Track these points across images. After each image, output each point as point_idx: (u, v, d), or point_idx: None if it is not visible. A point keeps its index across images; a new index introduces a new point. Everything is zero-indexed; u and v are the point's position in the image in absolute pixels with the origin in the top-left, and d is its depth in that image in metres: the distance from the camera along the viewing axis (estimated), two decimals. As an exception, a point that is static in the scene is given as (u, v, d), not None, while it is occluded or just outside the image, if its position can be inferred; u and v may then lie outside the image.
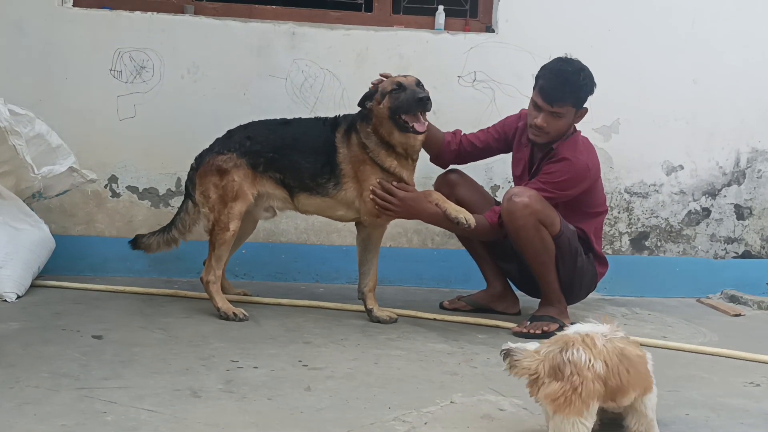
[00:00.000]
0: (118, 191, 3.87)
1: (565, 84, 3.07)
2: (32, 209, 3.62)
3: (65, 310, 3.12)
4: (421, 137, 3.14)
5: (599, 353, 1.83)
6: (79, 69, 3.79)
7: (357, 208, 3.22)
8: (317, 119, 3.35)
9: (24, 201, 3.54)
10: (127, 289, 3.51)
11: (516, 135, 3.36)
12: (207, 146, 3.33)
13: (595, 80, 3.20)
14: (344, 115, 3.32)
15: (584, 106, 3.18)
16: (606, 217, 3.55)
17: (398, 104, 3.07)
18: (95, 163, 3.72)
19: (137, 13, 3.84)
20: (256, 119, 3.34)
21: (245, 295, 3.46)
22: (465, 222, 3.11)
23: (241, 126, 3.31)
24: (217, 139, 3.31)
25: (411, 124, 3.06)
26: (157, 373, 2.42)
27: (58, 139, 3.47)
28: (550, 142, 3.17)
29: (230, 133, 3.29)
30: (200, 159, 3.28)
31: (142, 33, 3.82)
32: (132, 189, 3.88)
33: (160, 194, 3.89)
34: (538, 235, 3.04)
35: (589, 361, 1.81)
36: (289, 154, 3.21)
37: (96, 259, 3.82)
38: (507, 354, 1.89)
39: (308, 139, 3.23)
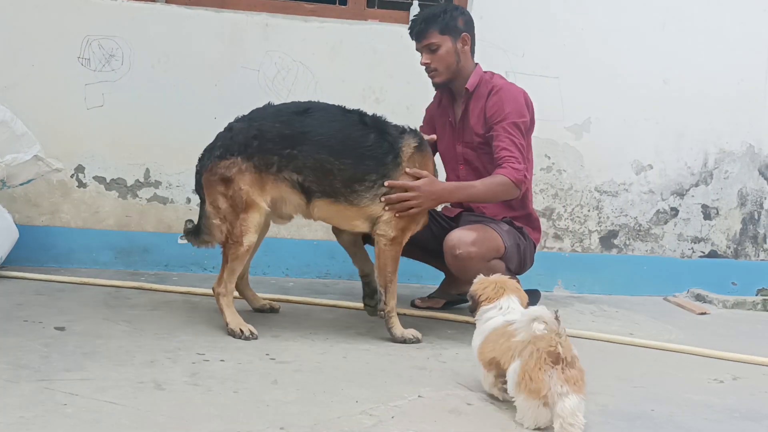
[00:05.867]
0: (84, 181, 3.80)
1: (422, 19, 3.16)
2: (-5, 198, 3.55)
3: (28, 301, 3.06)
4: None
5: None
6: (46, 56, 3.71)
7: (374, 221, 2.90)
8: (346, 112, 2.92)
9: (-14, 189, 3.46)
10: (92, 281, 3.45)
11: (437, 111, 3.36)
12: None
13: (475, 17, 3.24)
14: (397, 126, 2.95)
15: (462, 33, 3.16)
16: (573, 212, 3.50)
17: None
18: (61, 153, 3.65)
19: (107, -1, 3.78)
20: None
21: (271, 308, 3.22)
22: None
23: (244, 118, 2.90)
24: (219, 135, 2.91)
25: None
26: (120, 365, 2.38)
27: (23, 127, 3.40)
28: (452, 80, 3.19)
29: (232, 129, 2.88)
30: (203, 161, 2.92)
31: (111, 20, 3.75)
32: (99, 179, 3.81)
33: (128, 185, 3.83)
34: (487, 266, 2.93)
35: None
36: (315, 153, 2.82)
37: (61, 250, 3.75)
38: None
39: (347, 138, 2.84)
